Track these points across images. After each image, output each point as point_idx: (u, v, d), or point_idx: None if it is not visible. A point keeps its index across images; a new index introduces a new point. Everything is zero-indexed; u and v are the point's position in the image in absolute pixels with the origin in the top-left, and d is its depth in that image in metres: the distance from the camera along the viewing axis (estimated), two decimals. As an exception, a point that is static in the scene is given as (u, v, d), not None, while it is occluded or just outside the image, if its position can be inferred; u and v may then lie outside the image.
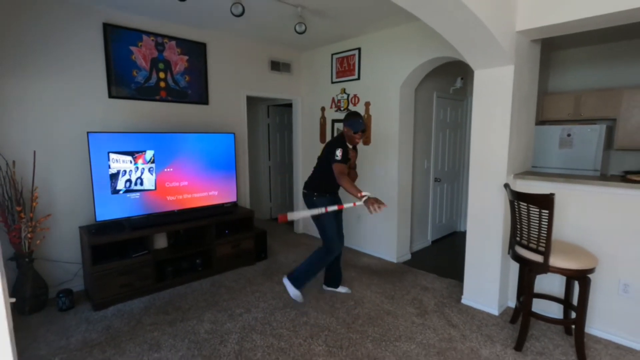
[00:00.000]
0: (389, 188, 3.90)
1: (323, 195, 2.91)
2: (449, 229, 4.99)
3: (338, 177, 2.67)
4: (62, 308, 2.84)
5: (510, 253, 2.48)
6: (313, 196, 2.91)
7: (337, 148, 2.71)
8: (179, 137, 3.41)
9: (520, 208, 2.28)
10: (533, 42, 2.75)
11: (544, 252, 2.15)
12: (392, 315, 2.78)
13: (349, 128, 2.80)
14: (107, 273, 2.87)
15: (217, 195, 3.73)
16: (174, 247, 3.48)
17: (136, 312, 2.83)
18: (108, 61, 3.21)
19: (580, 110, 4.27)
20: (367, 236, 4.22)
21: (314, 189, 2.93)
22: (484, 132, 2.74)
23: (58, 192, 3.04)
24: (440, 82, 4.37)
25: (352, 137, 2.81)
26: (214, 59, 3.93)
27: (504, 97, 2.58)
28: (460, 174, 5.05)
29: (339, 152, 2.69)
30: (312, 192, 2.93)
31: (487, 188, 2.76)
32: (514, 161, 2.73)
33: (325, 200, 2.88)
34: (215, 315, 2.77)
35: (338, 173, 2.67)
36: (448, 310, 2.85)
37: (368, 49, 3.96)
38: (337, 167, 2.69)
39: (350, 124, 2.79)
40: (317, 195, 2.91)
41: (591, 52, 4.35)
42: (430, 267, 3.77)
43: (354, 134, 2.79)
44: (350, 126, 2.79)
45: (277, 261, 3.95)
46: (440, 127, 4.51)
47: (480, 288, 2.87)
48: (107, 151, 3.01)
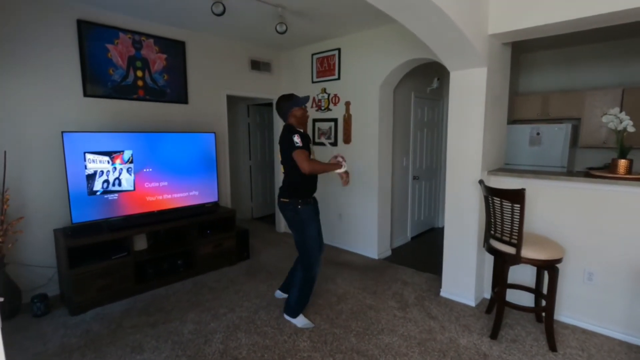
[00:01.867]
0: (368, 186, 3.98)
1: (307, 203, 2.54)
2: (427, 225, 5.14)
3: (306, 164, 2.32)
4: (37, 314, 2.74)
5: (485, 246, 2.60)
6: (297, 204, 2.50)
7: (293, 135, 2.38)
8: (158, 137, 3.36)
9: (494, 203, 2.39)
10: (504, 45, 2.89)
11: (516, 244, 2.27)
12: (374, 309, 2.86)
13: (296, 107, 2.50)
14: (84, 276, 2.80)
15: (198, 195, 3.70)
16: (155, 248, 3.43)
17: (116, 315, 2.78)
18: (83, 59, 3.13)
19: (548, 110, 4.50)
20: (348, 233, 4.29)
21: (296, 195, 2.51)
22: (459, 130, 2.85)
23: (31, 194, 2.94)
24: (417, 82, 4.49)
25: (301, 116, 2.53)
26: (194, 58, 3.89)
27: (477, 97, 2.70)
28: (437, 171, 5.21)
29: (297, 138, 2.37)
30: (295, 199, 2.50)
31: (462, 184, 2.87)
32: (488, 158, 2.86)
33: (309, 209, 2.55)
34: (199, 316, 2.76)
35: (303, 160, 2.33)
36: (427, 303, 2.95)
37: (348, 50, 4.02)
38: (300, 154, 2.34)
39: (294, 103, 2.50)
40: (301, 203, 2.51)
41: (556, 55, 4.59)
42: (410, 263, 3.88)
43: (302, 109, 2.53)
44: (295, 104, 2.50)
45: (259, 260, 3.96)
46: (418, 126, 4.63)
47: (457, 281, 2.99)
48: (83, 151, 2.93)
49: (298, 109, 2.53)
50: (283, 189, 2.59)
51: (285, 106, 2.54)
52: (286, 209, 2.55)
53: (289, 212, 2.55)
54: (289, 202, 2.53)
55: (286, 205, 2.55)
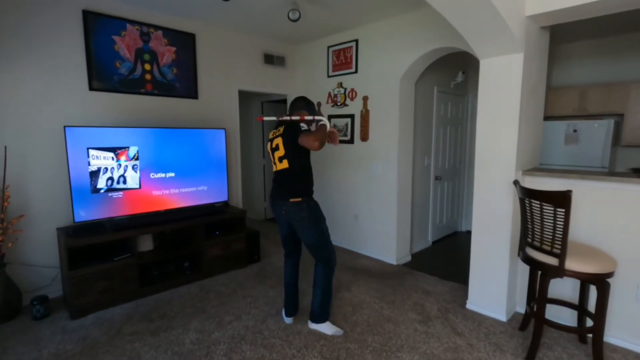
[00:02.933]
0: (387, 186, 3.71)
1: (313, 200, 2.36)
2: (449, 229, 4.82)
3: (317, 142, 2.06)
4: (37, 317, 2.62)
5: (520, 255, 2.30)
6: (310, 200, 2.31)
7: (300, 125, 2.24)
8: (166, 133, 3.21)
9: (533, 206, 2.09)
10: (542, 30, 2.58)
11: (559, 255, 1.97)
12: (392, 322, 2.60)
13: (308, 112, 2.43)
14: (85, 278, 2.66)
15: (207, 194, 3.53)
16: (160, 249, 3.27)
17: (117, 320, 2.62)
18: (88, 51, 3.00)
19: (585, 105, 4.11)
20: (364, 236, 4.03)
21: (307, 191, 2.33)
22: (490, 125, 2.56)
23: (33, 192, 2.83)
24: (441, 76, 4.19)
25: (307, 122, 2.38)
26: (204, 51, 3.73)
27: (512, 87, 2.41)
28: (460, 172, 4.88)
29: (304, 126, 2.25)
30: (307, 196, 2.31)
31: (493, 185, 2.58)
32: (523, 157, 2.55)
33: (318, 207, 2.37)
34: (203, 324, 2.57)
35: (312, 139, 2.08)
36: (452, 317, 2.67)
37: (366, 41, 3.77)
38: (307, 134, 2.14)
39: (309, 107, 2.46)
40: (312, 197, 2.35)
41: (596, 45, 4.19)
42: (432, 270, 3.59)
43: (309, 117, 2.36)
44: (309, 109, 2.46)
45: (270, 263, 3.75)
46: (440, 123, 4.33)
47: (486, 292, 2.69)
48: (87, 147, 2.80)
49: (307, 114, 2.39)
50: (290, 188, 2.30)
51: (301, 105, 2.47)
52: (300, 209, 2.27)
53: (304, 212, 2.27)
54: (302, 201, 2.28)
55: (299, 205, 2.27)
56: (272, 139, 2.40)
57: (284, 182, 2.33)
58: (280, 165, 2.33)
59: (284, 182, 2.33)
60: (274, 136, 2.38)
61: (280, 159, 2.32)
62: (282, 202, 2.33)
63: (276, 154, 2.35)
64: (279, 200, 2.36)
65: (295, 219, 2.31)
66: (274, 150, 2.37)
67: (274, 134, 2.40)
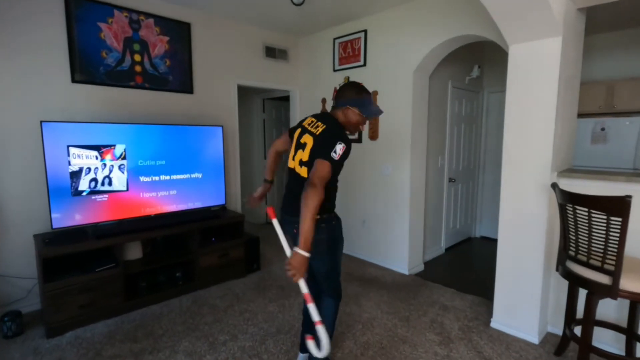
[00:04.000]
0: (398, 189, 3.40)
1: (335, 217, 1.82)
2: (463, 235, 4.50)
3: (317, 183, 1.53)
4: (8, 335, 2.33)
5: (560, 270, 1.98)
6: (332, 220, 1.78)
7: (339, 142, 1.62)
8: (157, 130, 2.92)
9: (577, 214, 1.78)
10: (579, 12, 2.27)
11: (613, 272, 1.65)
12: (408, 343, 2.29)
13: (360, 110, 1.74)
14: (63, 291, 2.37)
15: (202, 197, 3.23)
16: (150, 257, 2.97)
17: (97, 339, 2.32)
18: (71, 39, 2.72)
19: (613, 102, 3.78)
20: (374, 243, 3.72)
21: (329, 208, 1.78)
22: (521, 121, 2.25)
23: (7, 194, 2.54)
24: (455, 70, 3.89)
25: (356, 123, 1.78)
26: (200, 42, 3.44)
27: (548, 76, 2.10)
28: (475, 173, 4.56)
29: (340, 149, 1.61)
30: (329, 213, 1.77)
31: (525, 189, 2.27)
32: (558, 156, 2.24)
33: (340, 226, 1.84)
34: (194, 344, 2.26)
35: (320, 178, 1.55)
36: (476, 337, 2.35)
37: (375, 31, 3.47)
38: (325, 168, 1.58)
39: (363, 104, 1.74)
40: (335, 216, 1.81)
41: (624, 36, 3.86)
42: (448, 280, 3.27)
43: (364, 118, 1.78)
44: (363, 106, 1.74)
45: (271, 272, 3.45)
46: (454, 121, 4.02)
47: (515, 310, 2.37)
48: (67, 144, 2.51)
49: (359, 115, 1.76)
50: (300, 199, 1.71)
51: (352, 99, 1.75)
52: (319, 230, 1.66)
53: (322, 234, 1.70)
54: (319, 220, 1.65)
55: (318, 223, 1.64)
56: (305, 129, 1.78)
57: (297, 192, 1.64)
58: (299, 169, 1.75)
59: (297, 191, 1.66)
60: (308, 127, 1.76)
61: (301, 164, 1.74)
62: (293, 217, 1.74)
63: (299, 153, 1.75)
64: (289, 214, 1.80)
65: (323, 241, 1.73)
66: (299, 146, 1.76)
67: (311, 125, 1.77)
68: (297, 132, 1.82)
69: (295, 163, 1.77)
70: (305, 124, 1.80)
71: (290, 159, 1.82)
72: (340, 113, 1.76)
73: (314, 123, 1.77)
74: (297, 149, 1.77)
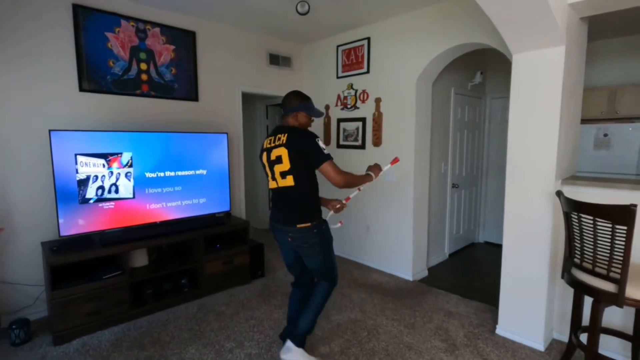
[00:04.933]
0: (402, 195, 3.42)
1: (323, 221, 2.03)
2: (466, 240, 4.50)
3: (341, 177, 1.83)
4: (16, 342, 2.35)
5: (565, 277, 1.99)
6: (321, 224, 1.97)
7: (314, 138, 1.88)
8: (162, 137, 2.94)
9: (582, 222, 1.79)
10: (582, 21, 2.30)
11: (619, 280, 1.66)
12: (414, 350, 2.29)
13: (308, 113, 2.03)
14: (71, 299, 2.39)
15: (207, 204, 3.25)
16: (155, 264, 2.99)
17: (104, 346, 2.34)
18: (79, 49, 2.76)
19: (615, 108, 3.80)
20: (378, 250, 3.73)
21: (317, 214, 1.98)
22: (525, 128, 2.27)
23: (15, 202, 2.57)
24: (458, 77, 3.92)
25: (305, 124, 2.05)
26: (205, 50, 3.48)
27: (552, 84, 2.12)
28: (478, 179, 4.57)
29: (321, 142, 1.89)
30: (317, 219, 1.96)
31: (529, 196, 2.28)
32: (561, 164, 2.26)
33: (328, 227, 2.06)
34: (200, 352, 2.28)
35: (338, 173, 1.84)
36: (482, 344, 2.36)
37: (379, 39, 3.50)
38: (332, 165, 1.85)
39: (307, 108, 2.02)
40: (324, 223, 2.02)
41: (627, 42, 3.89)
42: (452, 286, 3.27)
43: (310, 120, 2.07)
44: (309, 111, 2.03)
45: (275, 279, 3.46)
46: (457, 127, 4.05)
47: (520, 316, 2.38)
48: (75, 153, 2.54)
49: (307, 117, 2.06)
50: (296, 212, 1.93)
51: (300, 105, 2.01)
52: (310, 236, 1.91)
53: (314, 238, 1.93)
54: (311, 226, 1.91)
55: (308, 231, 1.90)
56: (268, 148, 1.98)
57: (288, 203, 1.94)
58: (283, 182, 1.93)
59: (288, 203, 1.94)
60: (272, 145, 1.96)
61: (283, 175, 1.92)
62: (286, 227, 1.95)
63: (277, 168, 1.93)
64: (282, 224, 1.97)
65: (304, 246, 1.96)
66: (272, 162, 1.95)
67: (272, 142, 1.97)
68: (264, 156, 2.03)
69: (279, 180, 1.95)
70: (266, 145, 2.02)
71: (270, 181, 2.04)
72: (291, 119, 2.01)
73: (273, 139, 1.97)
74: (272, 167, 1.97)
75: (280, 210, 2.00)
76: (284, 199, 1.97)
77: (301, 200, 1.94)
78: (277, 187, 1.98)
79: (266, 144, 2.03)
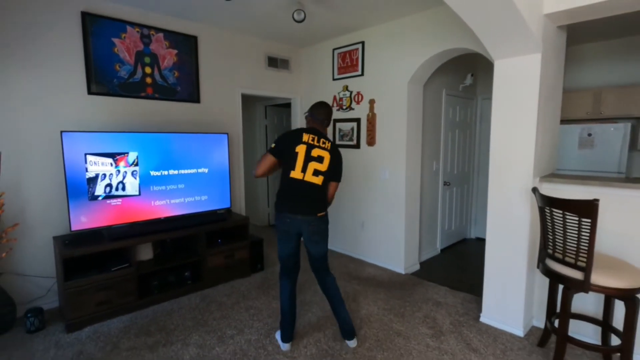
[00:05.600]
0: (395, 192, 3.58)
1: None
2: (458, 236, 4.67)
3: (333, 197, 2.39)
4: (31, 329, 2.51)
5: (540, 267, 2.16)
6: (328, 215, 2.34)
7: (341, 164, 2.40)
8: (167, 138, 3.11)
9: (554, 216, 1.96)
10: (559, 29, 2.46)
11: (585, 268, 1.83)
12: (403, 336, 2.46)
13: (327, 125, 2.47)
14: (82, 289, 2.55)
15: (209, 201, 3.42)
16: (160, 258, 3.16)
17: (114, 333, 2.50)
18: (87, 54, 2.91)
19: (600, 108, 3.96)
20: (371, 245, 3.90)
21: (326, 206, 2.33)
22: (505, 130, 2.43)
23: (29, 199, 2.73)
24: (449, 79, 4.08)
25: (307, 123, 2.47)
26: (206, 54, 3.63)
27: (529, 89, 2.28)
28: (470, 177, 4.74)
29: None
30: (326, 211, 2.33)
31: (509, 193, 2.45)
32: (540, 162, 2.42)
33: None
34: (204, 338, 2.44)
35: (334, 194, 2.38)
36: (466, 331, 2.53)
37: (372, 43, 3.66)
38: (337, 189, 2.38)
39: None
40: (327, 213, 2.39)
41: (611, 46, 4.05)
42: (442, 279, 3.44)
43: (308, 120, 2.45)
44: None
45: (274, 272, 3.63)
46: (449, 127, 4.21)
47: (501, 305, 2.55)
48: (84, 153, 2.70)
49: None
50: (321, 204, 2.25)
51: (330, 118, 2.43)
52: (324, 222, 2.28)
53: (326, 224, 2.30)
54: (325, 215, 2.29)
55: (323, 218, 2.27)
56: (310, 144, 2.20)
57: (312, 196, 2.20)
58: (313, 178, 2.18)
59: (311, 196, 2.20)
60: (314, 143, 2.21)
61: (317, 173, 2.19)
62: (309, 216, 2.19)
63: (314, 165, 2.18)
64: (304, 214, 2.19)
65: (319, 232, 2.24)
66: (311, 158, 2.18)
67: (314, 140, 2.22)
68: (302, 148, 2.19)
69: (310, 176, 2.18)
70: (306, 140, 2.21)
71: (297, 171, 2.18)
72: (325, 128, 2.38)
73: (315, 139, 2.23)
74: (308, 161, 2.18)
75: (302, 202, 2.19)
76: (307, 192, 2.19)
77: (321, 195, 2.25)
78: (302, 179, 2.17)
79: (306, 139, 2.21)
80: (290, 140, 2.22)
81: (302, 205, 2.19)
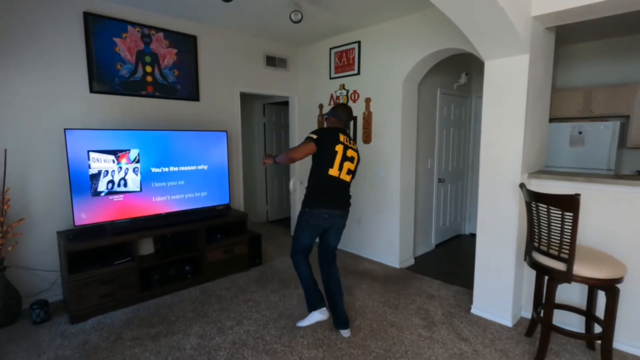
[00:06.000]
0: (390, 189, 3.67)
1: None
2: (453, 232, 4.77)
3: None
4: (36, 321, 2.59)
5: (527, 260, 2.25)
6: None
7: None
8: (167, 135, 3.18)
9: (539, 210, 2.06)
10: (548, 30, 2.54)
11: (567, 260, 1.93)
12: (396, 327, 2.56)
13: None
14: (86, 282, 2.63)
15: (209, 197, 3.50)
16: (161, 252, 3.24)
17: (117, 325, 2.59)
18: (89, 53, 2.98)
19: (590, 107, 4.06)
20: (367, 240, 3.99)
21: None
22: (495, 128, 2.52)
23: (33, 194, 2.81)
24: (444, 77, 4.16)
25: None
26: (205, 53, 3.71)
27: (518, 89, 2.37)
28: (464, 174, 4.84)
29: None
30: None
31: (499, 188, 2.54)
32: (528, 159, 2.51)
33: None
34: (204, 328, 2.53)
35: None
36: (457, 322, 2.63)
37: (368, 43, 3.74)
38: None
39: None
40: None
41: (602, 46, 4.14)
42: (436, 273, 3.54)
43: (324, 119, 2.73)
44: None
45: (272, 267, 3.72)
46: (444, 125, 4.30)
47: (491, 297, 2.64)
48: (87, 150, 2.77)
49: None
50: (350, 199, 2.53)
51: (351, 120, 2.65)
52: (348, 214, 2.56)
53: (348, 216, 2.58)
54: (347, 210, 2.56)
55: (349, 209, 2.56)
56: (346, 145, 2.39)
57: (346, 193, 2.48)
58: (345, 176, 2.41)
59: (346, 193, 2.48)
60: (348, 144, 2.41)
61: (348, 172, 2.42)
62: (344, 210, 2.47)
63: (347, 165, 2.40)
64: (341, 209, 2.44)
65: (344, 225, 2.54)
66: (346, 158, 2.38)
67: (348, 141, 2.42)
68: (340, 147, 2.36)
69: (343, 175, 2.39)
70: (344, 141, 2.39)
71: (335, 169, 2.36)
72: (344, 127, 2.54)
73: (347, 140, 2.43)
74: (343, 161, 2.37)
75: (339, 198, 2.44)
76: (342, 189, 2.44)
77: (349, 191, 2.51)
78: (338, 177, 2.38)
79: (342, 139, 2.39)
80: (332, 137, 2.37)
81: (340, 202, 2.44)
